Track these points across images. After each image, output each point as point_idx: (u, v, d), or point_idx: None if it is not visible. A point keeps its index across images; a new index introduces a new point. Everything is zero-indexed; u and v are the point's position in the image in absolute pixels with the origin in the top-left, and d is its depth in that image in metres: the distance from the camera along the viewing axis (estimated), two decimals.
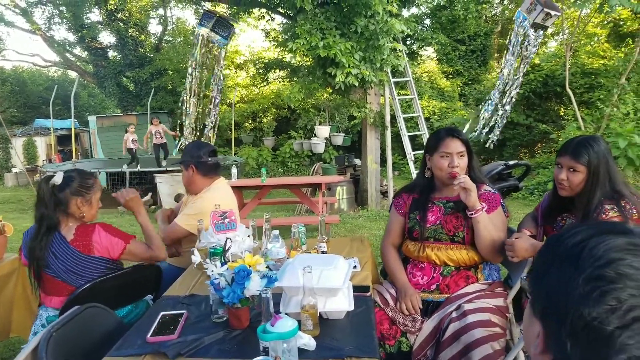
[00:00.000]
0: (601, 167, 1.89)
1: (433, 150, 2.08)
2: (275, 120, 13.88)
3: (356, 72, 6.48)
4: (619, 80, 8.31)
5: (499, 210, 2.07)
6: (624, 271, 0.56)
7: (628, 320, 0.54)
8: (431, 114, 13.16)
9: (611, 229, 0.63)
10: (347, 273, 1.70)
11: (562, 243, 0.65)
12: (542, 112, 11.09)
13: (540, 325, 0.66)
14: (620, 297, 0.55)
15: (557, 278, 0.62)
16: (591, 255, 0.59)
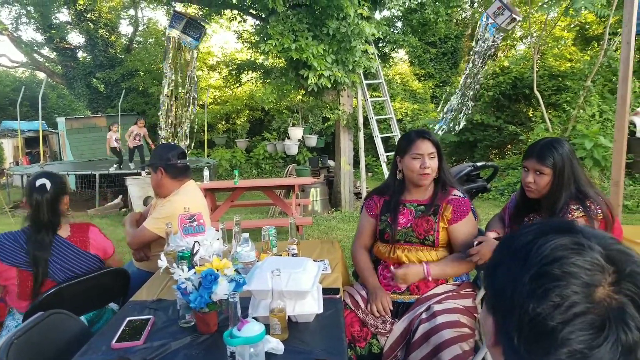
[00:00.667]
0: (566, 168, 1.95)
1: (404, 152, 2.10)
2: (248, 121, 13.80)
3: (329, 74, 6.50)
4: (585, 83, 8.57)
5: (468, 217, 2.09)
6: (568, 269, 0.58)
7: (570, 316, 0.56)
8: (404, 115, 13.30)
9: (559, 228, 0.65)
10: (317, 275, 1.71)
11: (514, 241, 0.67)
12: (511, 114, 11.35)
13: (492, 319, 0.68)
14: (563, 294, 0.57)
15: (506, 275, 0.64)
16: (538, 253, 0.61)
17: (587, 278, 0.57)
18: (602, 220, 1.94)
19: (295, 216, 5.34)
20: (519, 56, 12.73)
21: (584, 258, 0.59)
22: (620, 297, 0.57)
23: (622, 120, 3.43)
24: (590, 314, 0.56)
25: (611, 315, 0.56)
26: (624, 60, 3.38)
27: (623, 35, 3.39)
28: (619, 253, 0.61)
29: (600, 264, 0.59)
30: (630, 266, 0.59)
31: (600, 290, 0.57)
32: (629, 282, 0.58)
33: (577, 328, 0.56)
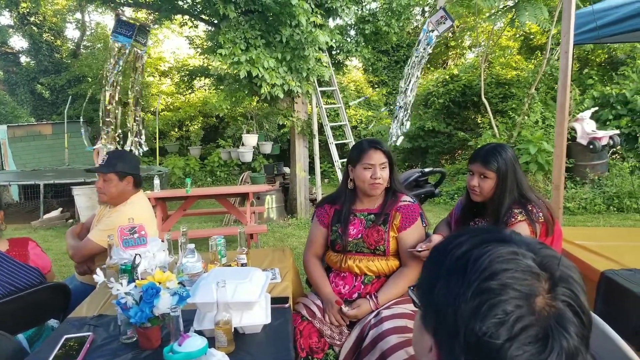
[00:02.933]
0: (509, 173, 2.02)
1: (356, 161, 2.10)
2: (202, 128, 13.53)
3: (282, 83, 6.49)
4: (529, 91, 8.96)
5: (416, 224, 2.12)
6: (507, 282, 0.57)
7: (516, 332, 0.55)
8: (358, 122, 13.46)
9: (493, 237, 0.63)
10: (264, 285, 1.68)
11: (447, 255, 0.65)
12: (461, 121, 11.71)
13: (432, 340, 0.66)
14: (506, 309, 0.56)
15: (446, 293, 0.61)
16: (476, 267, 0.59)
17: (526, 289, 0.57)
18: (543, 223, 2.02)
19: (250, 224, 5.27)
20: (467, 65, 13.16)
21: (521, 268, 0.58)
22: (557, 304, 0.57)
23: (561, 127, 3.59)
24: (533, 326, 0.55)
25: (552, 325, 0.56)
26: (563, 69, 3.54)
27: (562, 45, 3.55)
28: (549, 258, 0.61)
29: (536, 271, 0.58)
30: (560, 270, 0.59)
31: (540, 299, 0.57)
32: (563, 287, 0.58)
33: (523, 343, 0.54)
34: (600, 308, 1.88)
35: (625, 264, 1.96)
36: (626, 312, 1.72)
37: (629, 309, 1.71)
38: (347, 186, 2.17)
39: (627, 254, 2.09)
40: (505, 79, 11.40)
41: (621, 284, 1.77)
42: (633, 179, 6.81)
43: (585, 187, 7.21)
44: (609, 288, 1.84)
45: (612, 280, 1.82)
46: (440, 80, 12.24)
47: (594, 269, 1.95)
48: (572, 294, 0.58)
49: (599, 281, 1.89)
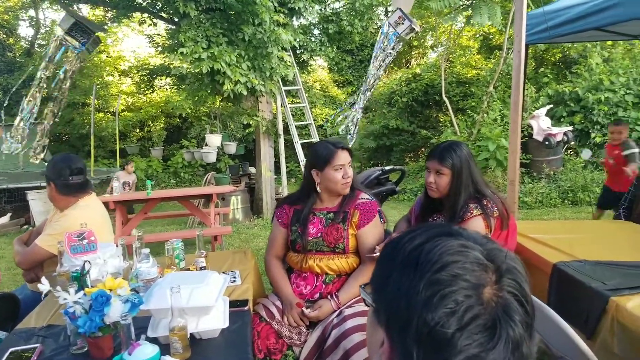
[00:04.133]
0: (464, 169, 2.07)
1: (324, 164, 2.06)
2: (165, 129, 13.26)
3: (245, 81, 6.42)
4: (488, 89, 9.20)
5: (375, 221, 2.13)
6: (457, 273, 0.58)
7: (466, 321, 0.56)
8: (324, 121, 13.50)
9: (444, 231, 0.65)
10: (222, 289, 1.65)
11: (401, 249, 0.65)
12: (423, 119, 11.91)
13: (384, 334, 0.65)
14: (457, 299, 0.56)
15: (399, 285, 0.62)
16: (428, 259, 0.60)
17: (475, 279, 0.58)
18: (498, 217, 2.07)
19: (214, 226, 5.19)
20: (430, 64, 13.39)
21: (470, 260, 0.59)
22: (503, 294, 0.58)
23: (515, 124, 3.68)
24: (482, 315, 0.56)
25: (500, 314, 0.57)
26: (516, 68, 3.63)
27: (514, 45, 3.65)
28: (495, 250, 0.62)
29: (483, 263, 0.60)
30: (506, 262, 0.61)
31: (487, 290, 0.58)
32: (508, 278, 0.59)
33: (473, 332, 0.55)
34: (553, 299, 1.94)
35: (576, 255, 2.03)
36: (576, 302, 1.78)
37: (579, 298, 1.77)
38: (312, 190, 2.13)
39: (578, 246, 2.16)
40: (465, 78, 11.66)
41: (571, 275, 1.83)
42: (585, 174, 7.09)
43: (542, 182, 7.46)
44: (561, 279, 1.90)
45: (563, 271, 1.88)
46: (404, 80, 12.41)
47: (547, 261, 2.01)
48: (517, 285, 0.60)
49: (551, 273, 1.95)
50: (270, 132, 7.64)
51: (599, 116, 8.11)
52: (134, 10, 7.39)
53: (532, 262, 2.15)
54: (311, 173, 2.11)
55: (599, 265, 1.90)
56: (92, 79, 12.33)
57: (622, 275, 1.79)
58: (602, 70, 8.62)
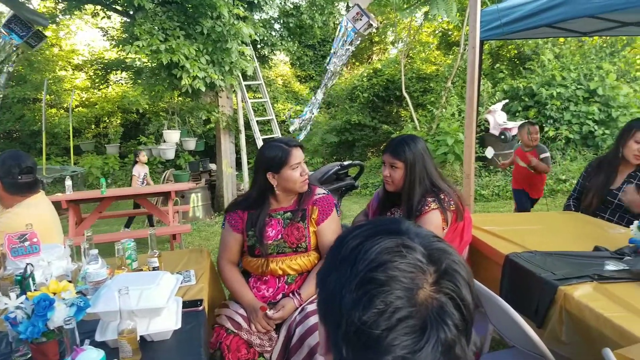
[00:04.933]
0: (418, 163, 2.09)
1: (281, 165, 1.98)
2: (122, 125, 12.83)
3: (204, 76, 6.28)
4: (446, 84, 9.38)
5: (333, 215, 2.12)
6: (392, 274, 0.57)
7: (394, 322, 0.55)
8: (287, 117, 13.43)
9: (387, 229, 0.64)
10: (174, 289, 1.60)
11: (344, 245, 0.65)
12: (385, 114, 12.04)
13: (323, 327, 0.66)
14: (387, 300, 0.56)
15: (335, 282, 0.61)
16: (365, 258, 0.60)
17: (409, 282, 0.57)
18: (454, 211, 2.11)
19: (173, 224, 5.07)
20: (390, 60, 13.53)
21: (407, 261, 0.58)
22: (440, 297, 0.58)
23: (470, 119, 3.76)
24: (412, 318, 0.56)
25: (432, 316, 0.56)
26: (471, 63, 3.70)
27: (469, 41, 3.71)
28: (439, 251, 0.62)
29: (422, 265, 0.59)
30: (448, 264, 0.60)
31: (422, 292, 0.57)
32: (447, 280, 0.59)
33: (400, 334, 0.55)
34: (505, 289, 1.99)
35: (527, 246, 2.09)
36: (527, 292, 1.83)
37: (529, 288, 1.81)
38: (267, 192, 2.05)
39: (529, 237, 2.22)
40: (425, 74, 11.85)
41: (522, 266, 1.88)
42: None
43: (498, 175, 7.68)
44: (512, 270, 1.95)
45: (515, 262, 1.93)
46: (365, 75, 12.50)
47: (500, 252, 2.05)
48: (455, 288, 0.59)
49: (504, 264, 1.99)
50: (231, 128, 7.53)
51: (552, 110, 8.42)
52: (86, 1, 7.09)
53: (486, 254, 2.19)
54: (266, 177, 2.01)
55: (548, 256, 1.96)
56: (43, 74, 11.77)
57: (570, 265, 1.85)
58: (554, 66, 8.94)
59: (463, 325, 0.59)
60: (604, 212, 2.77)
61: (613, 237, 2.22)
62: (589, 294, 1.61)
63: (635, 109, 8.30)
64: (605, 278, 1.71)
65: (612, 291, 1.61)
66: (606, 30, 5.07)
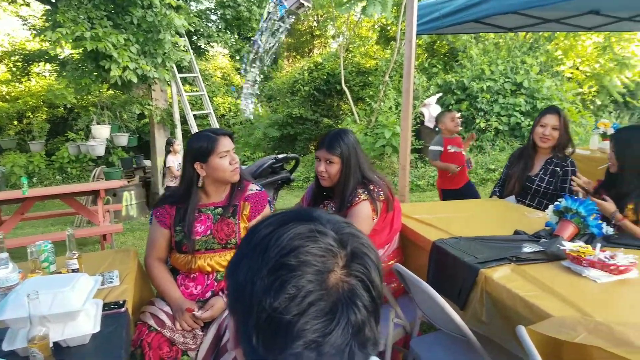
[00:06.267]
0: (352, 157, 2.11)
1: (208, 154, 1.95)
2: (48, 121, 12.04)
3: (135, 67, 6.00)
4: (384, 79, 9.56)
5: (266, 212, 2.10)
6: (303, 258, 0.57)
7: (304, 307, 0.55)
8: (227, 111, 13.19)
9: (298, 216, 0.64)
10: (91, 291, 1.51)
11: (256, 233, 0.64)
12: (326, 108, 12.12)
13: (233, 319, 0.64)
14: (299, 284, 0.56)
15: (246, 270, 0.60)
16: (277, 244, 0.59)
17: (320, 265, 0.57)
18: (384, 201, 2.15)
19: (103, 224, 4.83)
20: (330, 54, 13.60)
21: (318, 245, 0.59)
22: (350, 280, 0.58)
23: (406, 112, 3.84)
24: (323, 301, 0.56)
25: (342, 299, 0.57)
26: (407, 57, 3.78)
27: (406, 35, 3.78)
28: (349, 236, 0.62)
29: (333, 249, 0.59)
30: (358, 247, 0.61)
31: (333, 275, 0.57)
32: (357, 263, 0.60)
33: (311, 317, 0.55)
34: (432, 274, 2.05)
35: (453, 232, 2.16)
36: (452, 276, 1.89)
37: (454, 272, 1.88)
38: (194, 186, 2.00)
39: (455, 224, 2.31)
40: (364, 68, 12.02)
41: (447, 251, 1.95)
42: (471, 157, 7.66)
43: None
44: (439, 255, 2.01)
45: (441, 248, 2.00)
46: (306, 69, 12.49)
47: (427, 239, 2.11)
48: (365, 270, 0.60)
49: (431, 250, 2.05)
50: (166, 122, 7.28)
51: (482, 103, 8.81)
52: None
53: (416, 242, 2.25)
54: (194, 167, 1.97)
55: (472, 241, 2.04)
56: None
57: (491, 248, 1.93)
58: (483, 61, 9.34)
59: (372, 307, 0.60)
60: (524, 197, 2.93)
61: (531, 221, 2.35)
62: (506, 276, 1.68)
63: (557, 100, 8.86)
64: (523, 260, 1.80)
65: (528, 272, 1.70)
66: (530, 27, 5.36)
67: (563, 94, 9.22)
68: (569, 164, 2.82)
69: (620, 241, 2.01)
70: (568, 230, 2.00)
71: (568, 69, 11.12)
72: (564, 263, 1.77)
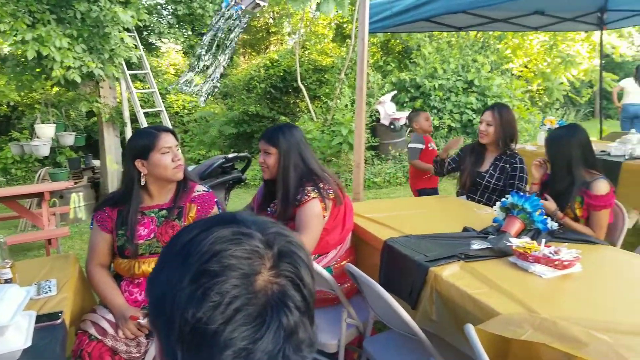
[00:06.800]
0: (292, 151, 2.11)
1: (148, 150, 1.88)
2: None
3: (79, 65, 5.73)
4: (339, 76, 9.58)
5: (213, 213, 2.04)
6: (227, 262, 0.53)
7: (230, 314, 0.51)
8: (181, 108, 12.87)
9: (221, 220, 0.60)
10: (21, 303, 1.41)
11: (177, 241, 0.59)
12: (283, 105, 12.03)
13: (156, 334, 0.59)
14: (222, 290, 0.52)
15: (166, 281, 0.56)
16: (197, 251, 0.55)
17: (247, 268, 0.54)
18: (334, 199, 2.14)
19: (49, 228, 4.59)
20: (287, 51, 13.51)
21: (243, 247, 0.55)
22: (280, 280, 0.55)
23: (360, 110, 3.85)
24: (250, 305, 0.52)
25: (272, 302, 0.54)
26: (360, 55, 3.78)
27: (359, 32, 3.78)
28: (276, 235, 0.59)
29: (259, 250, 0.56)
30: (286, 246, 0.58)
31: (261, 277, 0.54)
32: (286, 262, 0.57)
33: (239, 324, 0.51)
34: (384, 273, 2.05)
35: (404, 231, 2.17)
36: (403, 275, 1.90)
37: (405, 271, 1.89)
38: (136, 184, 1.92)
39: (406, 222, 2.32)
40: (321, 66, 12.00)
41: (398, 250, 1.95)
42: None
43: (389, 163, 8.05)
44: (390, 254, 2.02)
45: (392, 247, 2.00)
46: (262, 65, 12.35)
47: (379, 238, 2.12)
48: (294, 269, 0.58)
49: (382, 249, 2.05)
50: (116, 121, 7.01)
51: (436, 101, 8.98)
52: None
53: (368, 241, 2.25)
54: (134, 165, 1.89)
55: (423, 239, 2.05)
56: None
57: (441, 246, 1.95)
58: (435, 60, 9.53)
59: (305, 306, 0.57)
60: (474, 193, 3.00)
61: (480, 218, 2.40)
62: (455, 274, 1.70)
63: (507, 97, 9.16)
64: (471, 257, 1.82)
65: (476, 269, 1.73)
66: (479, 26, 5.51)
67: (512, 92, 9.54)
68: (517, 161, 2.91)
69: (564, 236, 2.08)
70: (515, 226, 2.05)
71: (517, 67, 11.52)
72: (511, 259, 1.81)
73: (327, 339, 1.95)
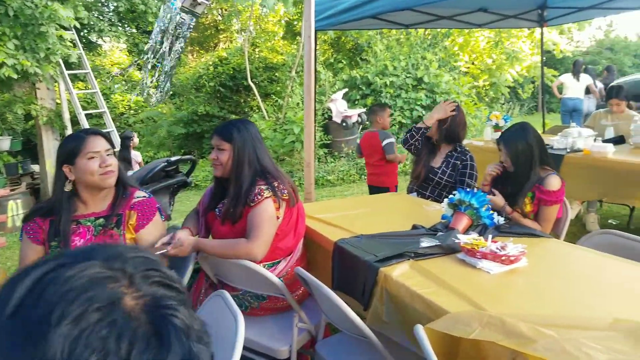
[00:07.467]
0: (246, 147, 2.03)
1: (74, 155, 1.76)
2: None
3: (13, 63, 5.38)
4: (290, 74, 9.52)
5: (155, 220, 1.94)
6: (77, 313, 0.45)
7: (125, 352, 0.44)
8: (127, 108, 12.41)
9: (40, 270, 0.49)
10: None
11: (3, 303, 0.48)
12: (233, 104, 11.82)
13: None
14: (97, 340, 0.44)
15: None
16: (32, 320, 0.45)
17: (106, 301, 0.46)
18: (287, 199, 2.07)
19: None
20: (236, 48, 13.28)
21: (84, 283, 0.46)
22: (145, 289, 0.50)
23: (309, 109, 3.79)
24: (141, 329, 0.46)
25: (154, 312, 0.48)
26: (307, 53, 3.73)
27: (305, 30, 3.73)
28: (113, 253, 0.52)
29: (106, 275, 0.48)
30: (127, 257, 0.52)
31: (127, 299, 0.47)
32: (141, 270, 0.51)
33: (143, 355, 0.45)
34: (336, 276, 2.02)
35: (355, 231, 2.14)
36: (355, 276, 1.87)
37: (356, 272, 1.86)
38: (64, 190, 1.80)
39: (357, 222, 2.30)
40: (272, 63, 11.88)
41: (349, 251, 1.92)
42: None
43: (342, 160, 8.08)
44: (341, 255, 1.98)
45: (343, 248, 1.97)
46: (211, 64, 12.09)
47: (330, 240, 2.08)
48: (157, 273, 0.53)
49: (333, 251, 2.02)
50: (54, 123, 6.65)
51: (386, 98, 9.09)
52: None
53: (320, 243, 2.21)
54: (62, 171, 1.78)
55: (373, 239, 2.03)
56: None
57: (391, 245, 1.93)
58: (386, 57, 9.64)
59: (181, 297, 0.52)
60: (425, 189, 3.02)
61: (429, 214, 2.41)
62: (405, 273, 1.69)
63: (455, 94, 9.39)
64: (420, 255, 1.82)
65: (425, 267, 1.72)
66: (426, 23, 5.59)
67: (460, 88, 9.80)
68: (468, 158, 2.96)
69: (510, 230, 2.12)
70: (462, 222, 2.07)
71: (465, 63, 11.84)
72: (459, 256, 1.82)
73: (278, 346, 1.90)
